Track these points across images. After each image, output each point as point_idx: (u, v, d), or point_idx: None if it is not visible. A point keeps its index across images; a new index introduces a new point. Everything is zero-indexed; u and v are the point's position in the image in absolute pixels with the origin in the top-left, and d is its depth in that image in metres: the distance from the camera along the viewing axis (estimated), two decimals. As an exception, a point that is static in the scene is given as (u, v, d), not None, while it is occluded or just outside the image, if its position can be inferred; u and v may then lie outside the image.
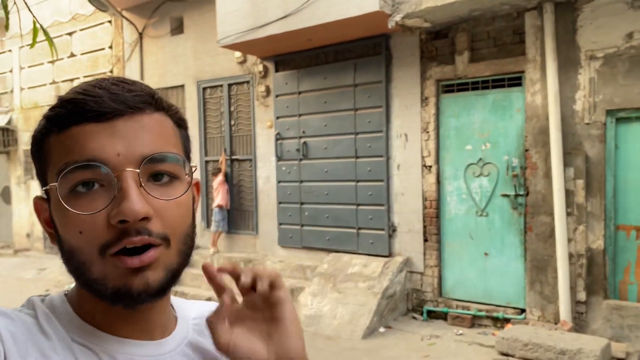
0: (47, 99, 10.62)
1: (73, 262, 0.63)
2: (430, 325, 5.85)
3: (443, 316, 5.97)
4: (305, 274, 6.77)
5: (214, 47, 7.61)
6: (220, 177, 7.66)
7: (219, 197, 7.60)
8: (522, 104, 5.49)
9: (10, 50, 11.44)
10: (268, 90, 7.34)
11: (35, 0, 11.36)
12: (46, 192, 0.66)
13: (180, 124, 0.71)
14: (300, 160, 7.06)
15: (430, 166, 6.05)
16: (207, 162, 8.19)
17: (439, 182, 6.05)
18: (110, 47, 9.51)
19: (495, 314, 5.62)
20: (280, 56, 7.16)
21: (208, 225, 8.06)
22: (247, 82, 7.62)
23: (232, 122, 7.87)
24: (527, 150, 5.44)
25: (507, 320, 5.53)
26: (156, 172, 0.63)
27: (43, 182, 0.66)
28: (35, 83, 10.92)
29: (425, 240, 6.13)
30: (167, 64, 8.56)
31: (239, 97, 7.78)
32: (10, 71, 11.47)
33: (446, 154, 6.00)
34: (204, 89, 8.16)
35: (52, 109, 0.64)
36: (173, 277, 0.65)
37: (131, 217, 0.59)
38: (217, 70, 7.93)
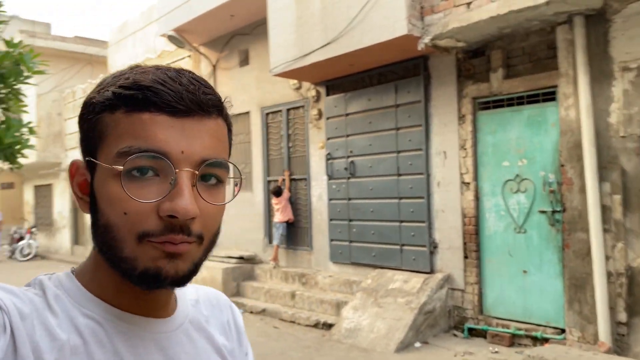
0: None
1: (107, 237, 0.64)
2: (468, 342, 5.82)
3: (483, 334, 5.91)
4: (351, 288, 7.01)
5: (273, 76, 8.19)
6: (285, 194, 8.13)
7: (286, 212, 8.04)
8: (557, 118, 5.40)
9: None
10: (320, 113, 7.77)
11: (131, 41, 12.83)
12: (91, 161, 0.66)
13: (231, 129, 0.73)
14: (348, 178, 7.36)
15: (469, 183, 6.08)
16: (269, 181, 8.75)
17: (477, 198, 6.05)
18: (190, 79, 10.49)
19: (534, 334, 5.48)
20: (330, 81, 7.57)
21: (270, 240, 8.57)
22: (303, 106, 8.10)
23: (290, 144, 8.38)
24: (562, 166, 5.33)
25: (546, 340, 5.37)
26: (207, 173, 0.65)
27: (90, 151, 0.67)
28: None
29: (466, 257, 6.14)
30: (236, 92, 9.31)
31: (296, 121, 8.28)
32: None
33: (484, 171, 6.01)
34: (267, 114, 8.77)
35: (126, 88, 0.64)
36: (196, 269, 0.67)
37: (182, 216, 0.61)
38: (277, 97, 8.51)
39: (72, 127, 14.72)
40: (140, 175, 0.62)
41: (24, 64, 4.58)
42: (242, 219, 9.09)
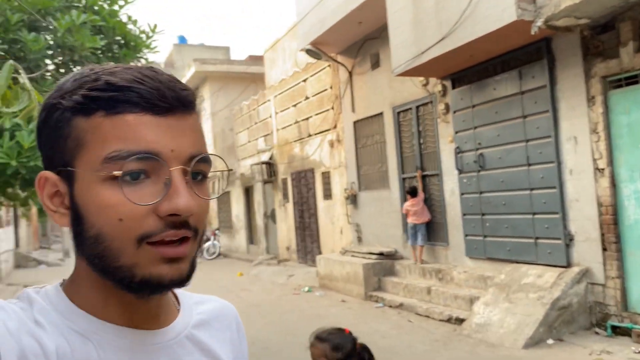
0: (293, 136, 12.93)
1: (98, 248, 0.62)
2: (610, 341, 5.38)
3: (628, 332, 5.40)
4: (485, 283, 6.89)
5: (399, 76, 8.38)
6: (420, 194, 8.25)
7: (424, 213, 8.17)
8: (701, 90, 4.74)
9: (269, 100, 14.29)
10: (447, 107, 7.75)
11: (281, 57, 13.99)
12: (65, 171, 0.64)
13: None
14: (478, 171, 7.23)
15: (603, 169, 5.61)
16: (403, 179, 8.94)
17: (613, 185, 5.55)
18: (331, 87, 11.16)
19: (688, 334, 4.87)
20: (454, 74, 7.52)
21: (409, 237, 8.75)
22: (431, 102, 8.15)
23: (421, 141, 8.48)
24: None
25: (702, 342, 4.74)
26: (196, 170, 0.64)
27: (63, 161, 0.64)
28: (285, 124, 13.40)
29: (604, 249, 5.66)
30: (369, 95, 9.69)
31: (425, 117, 8.36)
32: (270, 116, 14.30)
33: (619, 155, 5.49)
34: (398, 113, 8.99)
35: (101, 90, 0.62)
36: (193, 267, 0.66)
37: (184, 212, 0.61)
38: (406, 95, 8.67)
39: (243, 139, 16.50)
40: (132, 179, 0.60)
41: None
42: (382, 216, 9.41)
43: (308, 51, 10.23)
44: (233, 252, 17.95)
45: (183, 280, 0.64)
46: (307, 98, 12.21)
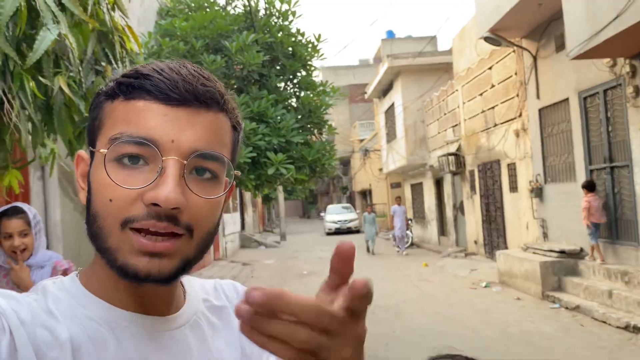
0: (480, 126, 12.59)
1: (94, 226, 0.63)
2: None
3: None
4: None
5: (587, 58, 7.65)
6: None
7: (600, 211, 7.44)
8: None
9: (456, 90, 14.10)
10: (637, 90, 6.85)
11: (468, 46, 13.70)
12: (91, 151, 0.66)
13: (237, 127, 0.70)
14: (673, 162, 6.26)
15: None
16: (591, 170, 8.13)
17: None
18: (516, 74, 10.60)
19: None
20: (645, 52, 6.61)
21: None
22: (619, 85, 7.27)
23: (610, 128, 7.61)
24: None
25: None
26: (201, 167, 0.63)
27: (91, 140, 0.67)
28: (472, 114, 13.10)
29: None
30: (554, 80, 8.99)
31: (614, 102, 7.48)
32: (458, 107, 14.10)
33: None
34: (584, 98, 8.19)
35: (126, 76, 0.64)
36: (186, 267, 0.64)
37: (164, 204, 0.59)
38: (592, 78, 7.86)
39: (433, 131, 16.56)
40: (132, 163, 0.61)
41: (324, 96, 6.14)
42: (568, 211, 8.70)
43: (487, 39, 9.92)
44: (425, 243, 18.16)
45: (163, 278, 0.62)
46: (492, 86, 11.78)
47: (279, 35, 6.26)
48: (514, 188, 11.11)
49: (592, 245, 7.64)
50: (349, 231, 25.78)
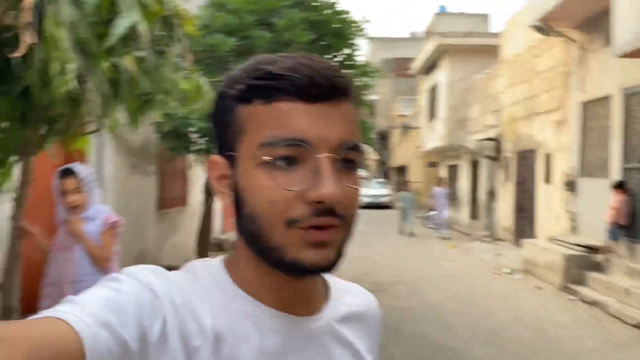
0: (520, 113, 12.52)
1: (253, 226, 0.65)
2: None
3: None
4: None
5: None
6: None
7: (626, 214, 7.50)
8: None
9: (501, 75, 13.97)
10: (681, 94, 6.80)
11: (515, 32, 13.53)
12: (229, 156, 0.68)
13: (358, 114, 0.72)
14: None
15: None
16: (625, 169, 8.12)
17: None
18: (562, 65, 10.48)
19: None
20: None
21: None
22: (664, 86, 7.21)
23: (649, 129, 7.58)
24: None
25: None
26: (346, 158, 0.65)
27: (229, 146, 0.68)
28: (513, 101, 13.01)
29: None
30: (600, 75, 8.89)
31: (657, 103, 7.43)
32: (500, 92, 14.00)
33: None
34: (629, 96, 8.12)
35: (260, 79, 0.65)
36: (340, 256, 0.66)
37: (329, 200, 0.62)
38: (638, 77, 7.79)
39: (474, 113, 16.48)
40: (285, 164, 0.63)
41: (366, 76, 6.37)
42: (599, 207, 8.71)
43: (536, 27, 9.83)
44: (455, 224, 18.27)
45: (329, 266, 0.65)
46: (537, 74, 11.67)
47: (326, 13, 6.46)
48: (547, 179, 11.12)
49: (607, 244, 7.68)
50: (380, 206, 25.96)
